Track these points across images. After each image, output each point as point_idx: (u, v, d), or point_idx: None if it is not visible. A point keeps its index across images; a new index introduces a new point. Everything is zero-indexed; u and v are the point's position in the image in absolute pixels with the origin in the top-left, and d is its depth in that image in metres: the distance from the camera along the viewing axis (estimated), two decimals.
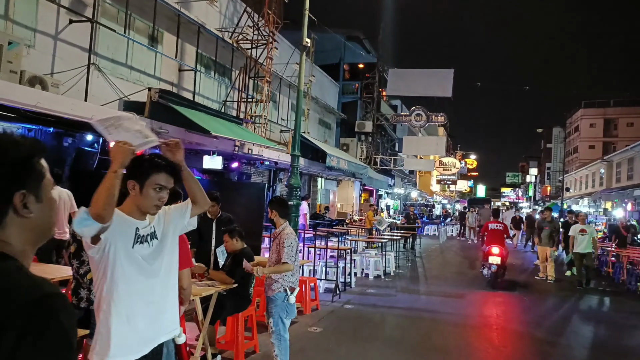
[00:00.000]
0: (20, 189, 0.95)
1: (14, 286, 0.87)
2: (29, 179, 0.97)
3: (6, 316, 0.81)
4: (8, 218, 0.95)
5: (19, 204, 0.95)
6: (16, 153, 0.96)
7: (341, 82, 24.00)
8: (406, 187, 35.17)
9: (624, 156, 30.36)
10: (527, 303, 8.31)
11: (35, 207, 0.98)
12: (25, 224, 0.97)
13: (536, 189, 70.75)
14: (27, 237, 0.98)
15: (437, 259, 14.71)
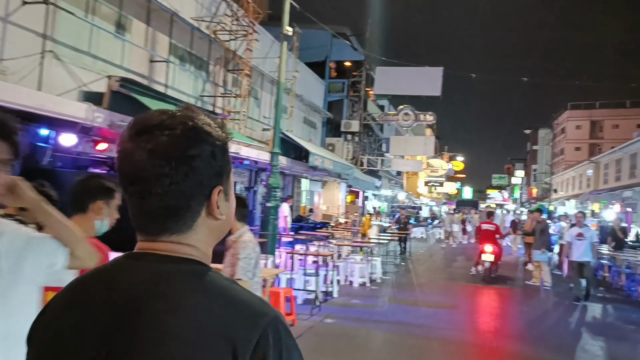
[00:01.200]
0: (218, 184, 0.82)
1: (249, 302, 0.76)
2: (225, 172, 0.84)
3: (261, 337, 0.72)
4: (200, 219, 0.81)
5: (214, 202, 0.81)
6: (219, 136, 0.82)
7: (327, 80, 23.27)
8: (393, 189, 34.57)
9: (612, 157, 30.15)
10: (527, 314, 7.63)
11: (224, 207, 0.84)
12: (213, 226, 0.84)
13: (522, 191, 70.91)
14: (212, 241, 0.86)
15: (426, 264, 14.04)
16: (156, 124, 0.78)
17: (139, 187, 0.78)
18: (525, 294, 9.43)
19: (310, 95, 20.41)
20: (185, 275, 0.77)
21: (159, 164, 0.76)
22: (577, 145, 49.88)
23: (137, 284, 0.76)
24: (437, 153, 61.25)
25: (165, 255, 0.79)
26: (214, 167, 0.81)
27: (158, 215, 0.79)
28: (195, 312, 0.72)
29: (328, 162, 14.65)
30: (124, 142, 0.79)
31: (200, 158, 0.78)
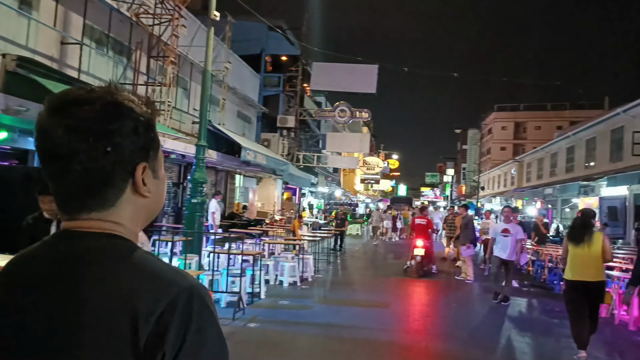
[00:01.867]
0: (143, 161, 0.80)
1: (159, 272, 0.75)
2: (151, 148, 0.82)
3: (166, 308, 0.70)
4: (125, 196, 0.79)
5: (139, 179, 0.79)
6: (142, 112, 0.80)
7: (262, 74, 22.66)
8: (330, 186, 34.54)
9: (534, 157, 31.93)
10: (456, 310, 7.58)
11: (152, 185, 0.82)
12: (141, 204, 0.82)
13: (453, 189, 73.96)
14: (139, 219, 0.84)
15: (361, 260, 13.92)
16: (73, 99, 0.75)
17: (57, 166, 0.75)
18: (455, 289, 9.47)
19: (244, 89, 19.73)
20: (101, 248, 0.76)
21: (76, 140, 0.73)
22: (503, 145, 52.63)
23: (55, 262, 0.75)
24: (374, 151, 62.39)
25: (86, 232, 0.77)
26: (136, 143, 0.77)
27: (78, 193, 0.77)
28: (101, 283, 0.72)
29: (261, 157, 14.13)
30: (41, 119, 0.76)
31: (120, 133, 0.75)
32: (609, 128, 20.23)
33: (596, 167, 21.22)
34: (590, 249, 5.12)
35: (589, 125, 22.37)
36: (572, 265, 5.22)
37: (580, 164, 23.53)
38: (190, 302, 0.72)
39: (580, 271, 5.15)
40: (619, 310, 6.86)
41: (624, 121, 18.64)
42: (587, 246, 5.12)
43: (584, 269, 5.13)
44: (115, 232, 0.78)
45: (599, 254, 5.10)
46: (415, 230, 11.39)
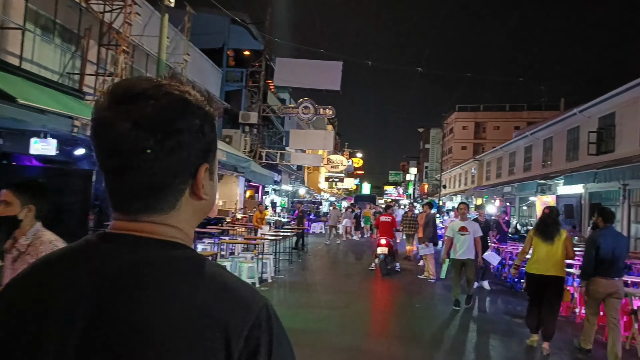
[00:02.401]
0: (205, 162, 0.77)
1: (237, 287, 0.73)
2: (212, 149, 0.79)
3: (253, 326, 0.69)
4: (184, 198, 0.75)
5: (201, 181, 0.76)
6: (209, 110, 0.77)
7: (224, 68, 22.05)
8: (294, 184, 34.19)
9: (494, 156, 32.61)
10: (419, 311, 7.39)
11: (208, 186, 0.79)
12: (197, 207, 0.78)
13: (415, 187, 75.10)
14: (194, 222, 0.80)
15: (323, 260, 13.65)
16: (139, 92, 0.71)
17: (118, 161, 0.70)
18: (418, 289, 9.32)
19: (205, 83, 19.09)
20: (172, 260, 0.71)
21: (143, 136, 0.69)
22: (464, 145, 53.71)
23: (119, 270, 0.68)
24: (338, 149, 62.43)
25: (148, 238, 0.72)
26: (201, 143, 0.74)
27: (139, 193, 0.72)
28: (184, 301, 0.67)
29: (221, 153, 13.59)
30: (102, 110, 0.71)
31: (188, 132, 0.72)
32: (565, 128, 20.79)
33: (553, 166, 21.79)
34: (555, 245, 5.33)
35: (546, 125, 22.95)
36: (536, 260, 5.42)
37: (537, 163, 24.13)
38: (269, 318, 0.71)
39: (545, 266, 5.34)
40: (581, 309, 6.85)
41: (580, 121, 19.17)
42: (554, 243, 5.33)
43: (548, 264, 5.32)
44: (176, 239, 0.74)
45: (562, 251, 5.33)
46: (380, 227, 11.36)
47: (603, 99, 16.96)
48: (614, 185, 15.43)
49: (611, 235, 5.15)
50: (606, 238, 5.08)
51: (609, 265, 5.01)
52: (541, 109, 47.02)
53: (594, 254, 5.04)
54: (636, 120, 15.30)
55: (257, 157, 22.45)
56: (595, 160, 17.17)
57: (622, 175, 13.31)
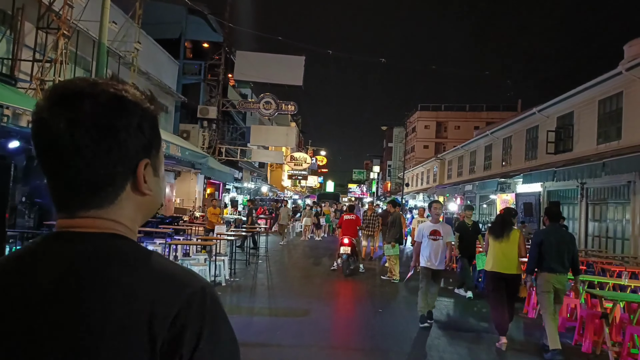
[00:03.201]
0: (145, 157, 0.77)
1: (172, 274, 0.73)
2: (154, 146, 0.80)
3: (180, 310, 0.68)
4: (125, 193, 0.76)
5: (141, 176, 0.77)
6: (147, 108, 0.78)
7: (182, 60, 21.07)
8: (256, 181, 33.42)
9: (455, 154, 32.94)
10: (382, 317, 6.93)
11: (152, 182, 0.80)
12: (140, 202, 0.79)
13: (378, 185, 75.61)
14: (138, 217, 0.81)
15: (283, 260, 13.10)
16: (76, 91, 0.72)
17: (56, 161, 0.72)
18: (381, 291, 8.92)
19: (160, 75, 18.13)
20: (109, 251, 0.73)
21: (80, 134, 0.70)
22: (426, 144, 54.37)
23: (58, 266, 0.70)
24: (302, 147, 61.94)
25: (86, 233, 0.73)
26: (140, 140, 0.75)
27: (77, 190, 0.73)
28: (120, 289, 0.68)
29: (175, 148, 12.79)
30: (40, 111, 0.73)
31: (125, 130, 0.73)
32: (524, 127, 21.04)
33: (512, 165, 22.04)
34: (508, 244, 5.62)
35: (506, 124, 23.22)
36: (492, 258, 5.70)
37: (497, 162, 24.41)
38: (203, 302, 0.70)
39: (500, 264, 5.61)
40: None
41: (539, 120, 19.41)
42: (505, 241, 5.62)
43: (503, 262, 5.60)
44: (117, 231, 0.75)
45: (516, 249, 5.60)
46: (343, 227, 11.17)
47: (561, 99, 17.17)
48: (572, 184, 15.63)
49: (555, 232, 5.39)
50: (549, 235, 5.33)
51: (554, 261, 5.23)
52: (499, 110, 48.30)
53: (537, 251, 5.31)
54: (594, 119, 15.53)
55: (216, 153, 21.61)
56: (553, 159, 17.39)
57: (581, 174, 13.41)
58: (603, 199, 14.80)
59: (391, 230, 10.46)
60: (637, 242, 12.73)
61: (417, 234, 6.72)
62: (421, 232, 6.64)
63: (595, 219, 15.24)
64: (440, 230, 6.55)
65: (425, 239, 6.55)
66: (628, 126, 13.78)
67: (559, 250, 5.22)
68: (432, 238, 6.50)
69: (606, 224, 14.61)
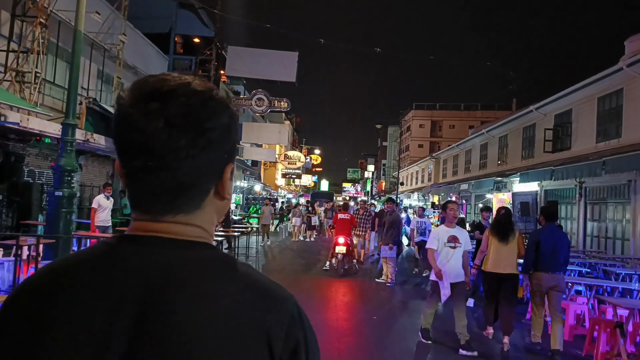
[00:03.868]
0: (230, 162, 0.76)
1: (268, 286, 0.72)
2: (235, 149, 0.79)
3: (290, 324, 0.69)
4: (209, 198, 0.74)
5: (227, 181, 0.75)
6: (235, 110, 0.76)
7: (172, 55, 20.55)
8: (249, 180, 32.93)
9: (450, 153, 32.60)
10: (376, 325, 6.46)
11: (229, 187, 0.77)
12: (218, 206, 0.77)
13: (373, 184, 75.32)
14: (215, 221, 0.78)
15: (272, 262, 12.62)
16: (169, 89, 0.69)
17: (147, 161, 0.68)
18: (375, 295, 8.45)
19: (149, 70, 17.58)
20: (204, 261, 0.70)
21: (176, 135, 0.67)
22: (420, 143, 54.08)
23: (152, 273, 0.66)
24: (296, 145, 61.51)
25: (175, 239, 0.70)
26: (229, 142, 0.73)
27: (167, 193, 0.70)
28: (224, 303, 0.66)
29: None
30: (127, 109, 0.69)
31: (218, 131, 0.71)
32: (521, 125, 20.69)
33: (508, 164, 21.70)
34: (510, 244, 5.61)
35: (502, 122, 22.87)
36: (493, 259, 5.67)
37: (493, 161, 24.07)
38: (300, 313, 0.71)
39: (500, 265, 5.61)
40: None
41: (536, 118, 19.06)
42: (508, 242, 5.60)
43: (503, 262, 5.60)
44: (203, 239, 0.73)
45: (516, 250, 5.61)
46: (337, 225, 11.08)
47: (559, 96, 16.82)
48: (570, 183, 15.28)
49: (551, 233, 5.42)
50: (546, 235, 5.36)
51: (549, 261, 5.27)
52: (494, 109, 48.12)
53: (534, 250, 5.33)
54: (592, 117, 15.18)
55: None
56: (551, 157, 17.04)
57: (580, 172, 13.06)
58: (602, 198, 14.45)
59: (389, 232, 9.77)
60: (637, 242, 12.38)
61: (431, 241, 5.61)
62: (436, 237, 5.56)
63: (594, 218, 14.89)
64: (458, 237, 5.52)
65: (442, 247, 5.49)
66: (628, 124, 13.43)
67: (555, 251, 5.28)
68: (449, 245, 5.48)
69: (605, 224, 14.26)
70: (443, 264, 5.42)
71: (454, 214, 5.64)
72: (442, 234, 5.56)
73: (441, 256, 5.46)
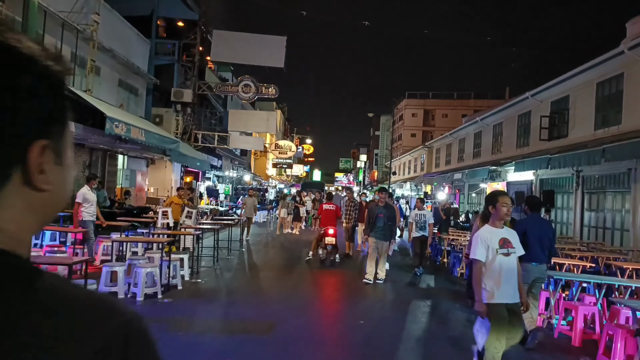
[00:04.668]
0: (42, 138, 0.55)
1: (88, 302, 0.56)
2: (56, 121, 0.58)
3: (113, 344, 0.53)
4: (11, 187, 0.54)
5: (35, 164, 0.55)
6: (47, 66, 0.56)
7: (154, 39, 19.62)
8: (238, 170, 32.17)
9: (443, 142, 32.03)
10: (365, 332, 5.74)
11: (53, 173, 0.57)
12: (36, 201, 0.56)
13: (365, 174, 74.84)
14: (32, 221, 0.58)
15: (259, 255, 11.98)
16: None
17: None
18: (363, 295, 7.78)
19: (129, 54, 16.73)
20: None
21: None
22: (413, 132, 53.53)
23: None
24: (288, 135, 60.70)
25: None
26: (34, 109, 0.54)
27: None
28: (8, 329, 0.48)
29: (137, 131, 11.53)
30: None
31: (11, 93, 0.52)
32: (516, 113, 20.11)
33: (503, 153, 21.15)
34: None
35: (497, 110, 22.26)
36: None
37: (487, 150, 23.51)
38: (137, 331, 0.56)
39: None
40: (559, 320, 5.61)
41: (532, 106, 18.48)
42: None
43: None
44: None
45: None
46: (322, 216, 10.93)
47: (556, 82, 16.22)
48: (567, 171, 14.74)
49: (537, 223, 5.41)
50: (532, 225, 5.31)
51: (536, 251, 5.21)
52: (487, 98, 47.71)
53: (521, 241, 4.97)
54: (591, 103, 14.60)
55: (192, 139, 20.30)
56: (547, 146, 16.49)
57: (578, 161, 12.52)
58: (600, 187, 13.93)
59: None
60: (637, 233, 11.88)
61: (479, 247, 4.02)
62: (483, 243, 4.01)
63: (592, 208, 14.39)
64: (511, 240, 4.10)
65: (493, 255, 3.99)
66: (629, 110, 12.86)
67: (541, 241, 5.25)
68: (502, 252, 3.99)
69: (604, 214, 13.76)
70: (496, 281, 3.91)
71: (508, 211, 4.04)
72: (491, 237, 4.02)
73: (492, 270, 3.95)
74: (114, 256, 7.75)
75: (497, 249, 3.98)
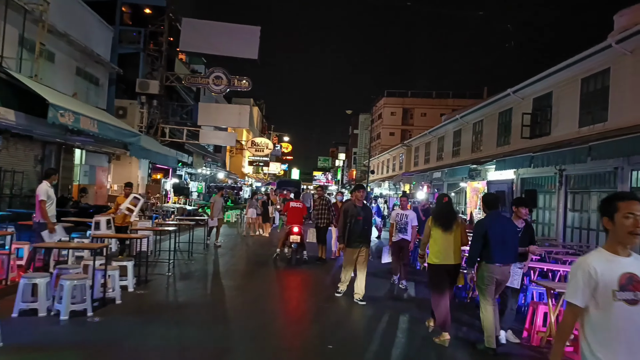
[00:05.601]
0: None
1: None
2: None
3: None
4: None
5: None
6: None
7: (117, 26, 18.35)
8: (211, 167, 30.94)
9: (422, 141, 31.45)
10: (332, 358, 4.90)
11: None
12: None
13: (344, 173, 74.20)
14: None
15: (222, 260, 10.95)
16: None
17: None
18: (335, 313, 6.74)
19: (88, 41, 15.47)
20: None
21: None
22: (392, 131, 53.15)
23: None
24: (265, 132, 59.51)
25: None
26: None
27: None
28: None
29: (88, 121, 10.37)
30: None
31: None
32: (497, 110, 19.53)
33: (483, 151, 20.57)
34: (453, 234, 5.50)
35: (477, 107, 21.68)
36: (438, 250, 5.49)
37: (467, 148, 22.93)
38: None
39: (447, 255, 5.45)
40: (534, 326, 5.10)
41: (513, 103, 17.90)
42: (453, 232, 5.49)
43: (449, 252, 5.46)
44: None
45: (459, 239, 5.54)
46: (288, 214, 10.79)
47: (539, 78, 15.62)
48: (549, 170, 14.15)
49: (498, 221, 5.23)
50: (494, 224, 5.15)
51: (499, 252, 5.06)
52: (466, 97, 47.68)
53: (481, 242, 5.12)
54: (575, 100, 14.03)
55: (158, 134, 19.10)
56: (529, 144, 15.90)
57: (562, 159, 11.91)
58: (585, 187, 13.36)
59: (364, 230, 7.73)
60: None
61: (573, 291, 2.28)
62: (586, 277, 2.25)
63: (576, 209, 13.81)
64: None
65: (600, 300, 2.23)
66: (615, 107, 12.30)
67: (504, 241, 5.09)
68: (625, 299, 2.19)
69: (588, 214, 13.19)
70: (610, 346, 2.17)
71: (636, 226, 2.23)
72: (603, 269, 2.25)
73: (601, 326, 2.22)
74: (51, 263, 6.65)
75: (614, 291, 2.22)
